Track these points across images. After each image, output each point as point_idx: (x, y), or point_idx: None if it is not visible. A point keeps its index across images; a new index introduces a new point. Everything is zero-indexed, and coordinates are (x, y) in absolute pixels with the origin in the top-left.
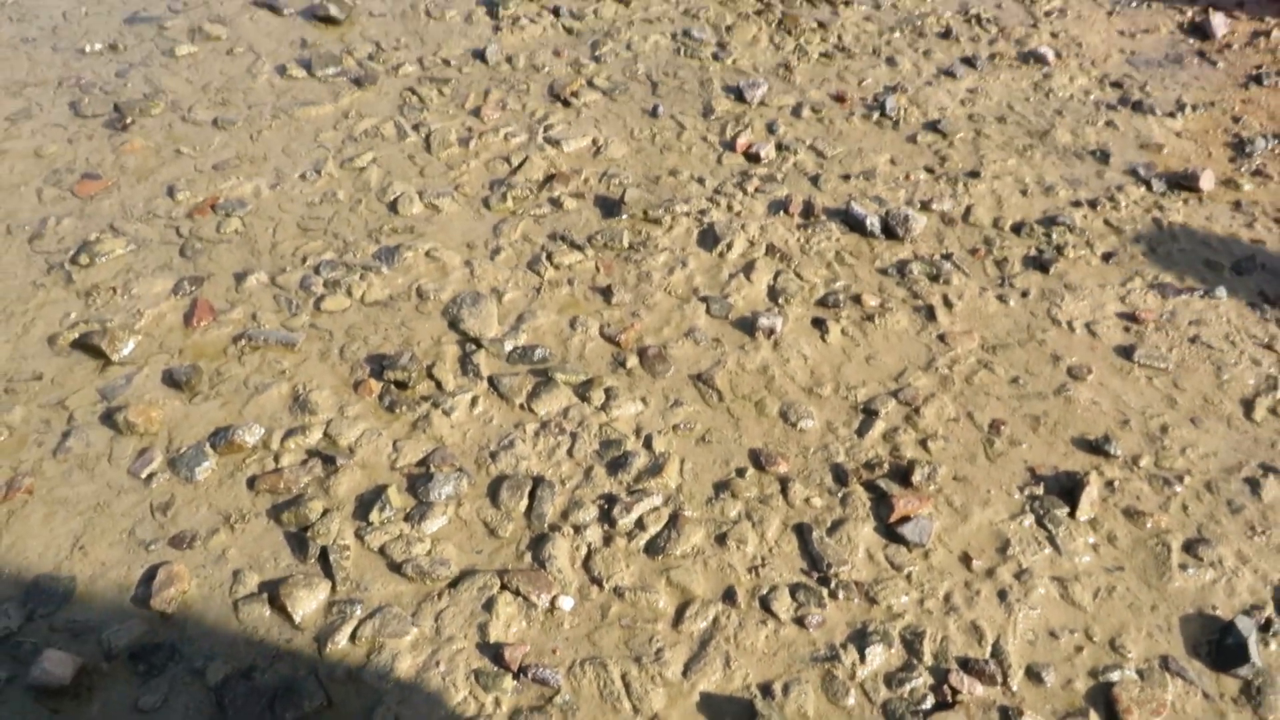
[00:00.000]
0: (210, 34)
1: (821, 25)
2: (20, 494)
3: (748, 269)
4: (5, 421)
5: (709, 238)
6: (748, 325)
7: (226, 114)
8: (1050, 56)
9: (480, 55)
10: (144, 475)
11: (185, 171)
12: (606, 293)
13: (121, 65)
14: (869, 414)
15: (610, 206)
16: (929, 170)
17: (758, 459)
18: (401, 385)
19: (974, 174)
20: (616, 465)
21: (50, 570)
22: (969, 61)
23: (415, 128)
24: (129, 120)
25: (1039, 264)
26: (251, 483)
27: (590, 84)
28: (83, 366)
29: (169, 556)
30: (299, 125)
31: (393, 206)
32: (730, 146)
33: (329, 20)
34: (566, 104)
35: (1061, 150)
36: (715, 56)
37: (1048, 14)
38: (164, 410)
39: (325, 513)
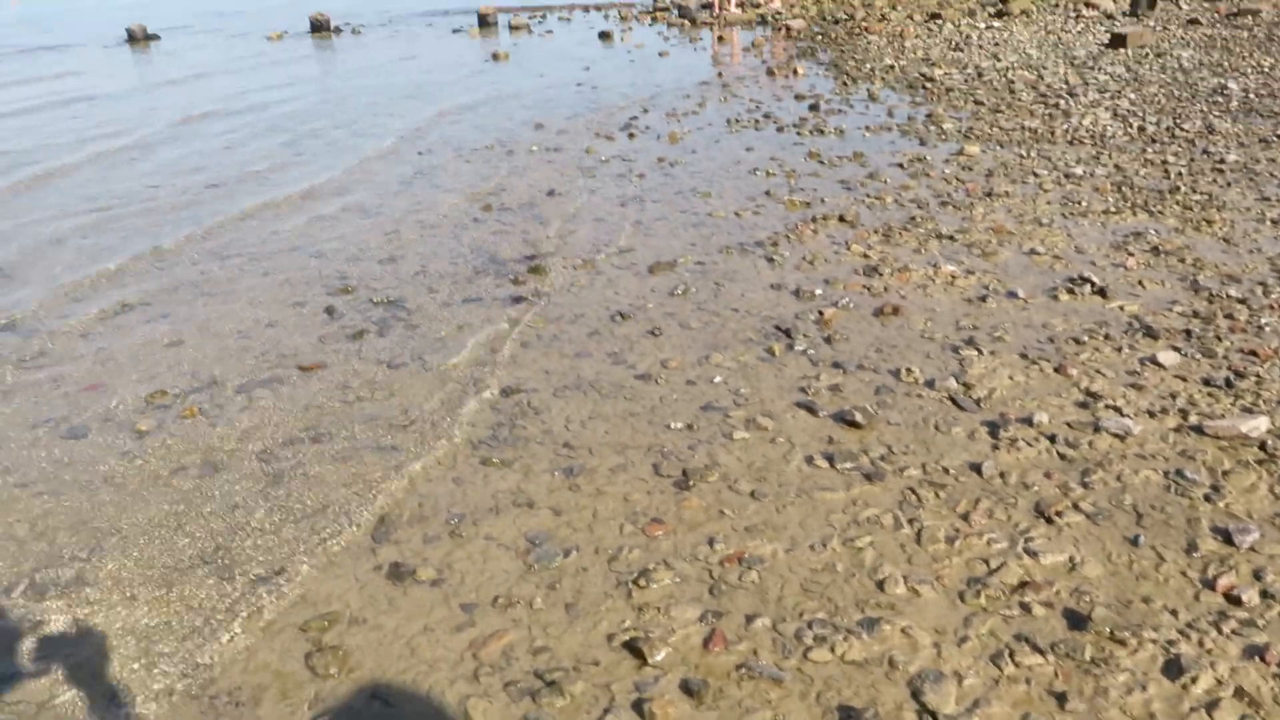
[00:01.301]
0: (760, 425)
1: None
2: None
3: (1210, 705)
4: (570, 690)
5: (1173, 668)
6: None
7: (761, 488)
8: None
9: (976, 468)
10: None
11: (724, 529)
12: (1061, 698)
13: (692, 441)
14: None
15: (1077, 620)
16: None
17: None
18: None
19: None
20: None
21: None
22: None
23: (910, 522)
24: (690, 483)
25: None
26: None
27: (1075, 507)
28: (627, 662)
29: None
30: (815, 505)
31: (880, 585)
32: (1210, 585)
33: (853, 424)
34: (1050, 521)
35: None
36: (1206, 498)
37: None
38: (678, 710)
39: None
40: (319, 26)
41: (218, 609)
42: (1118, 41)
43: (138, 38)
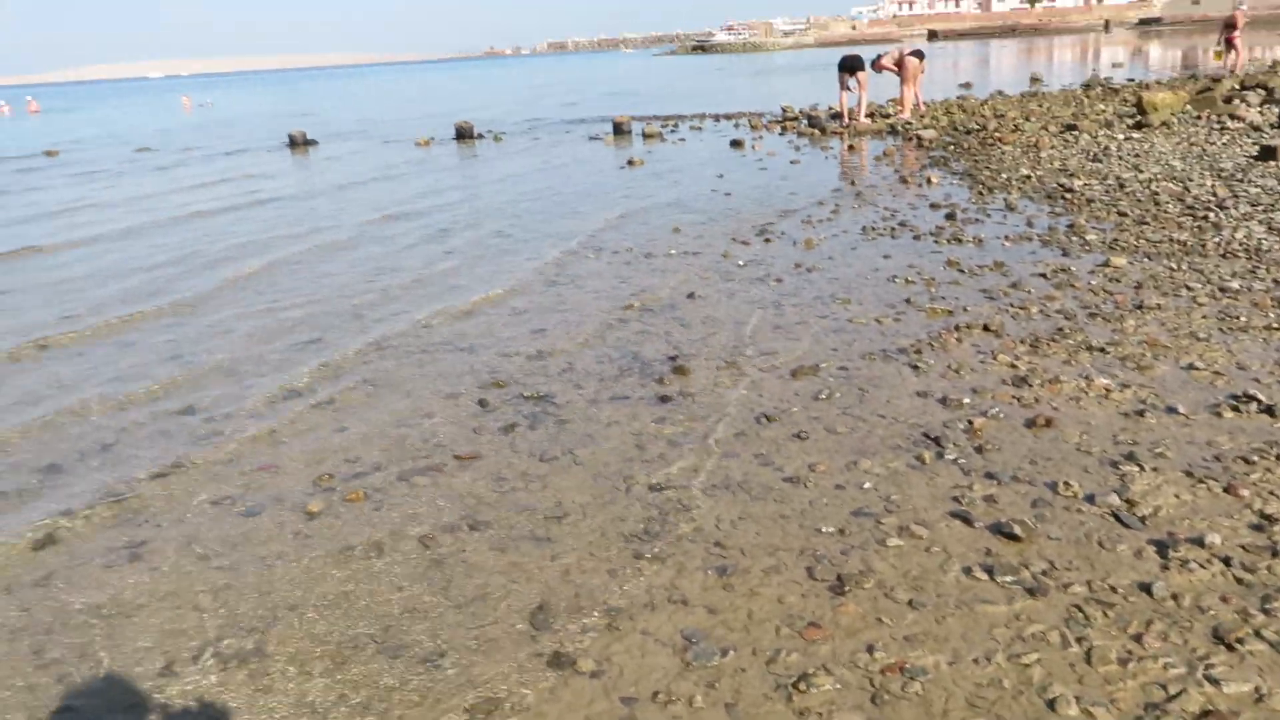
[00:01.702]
0: (914, 533)
1: None
2: None
3: None
4: None
5: None
6: None
7: (919, 598)
8: None
9: (1146, 589)
10: None
11: (882, 636)
12: None
13: (845, 545)
14: None
15: None
16: None
17: None
18: None
19: None
20: None
21: None
22: None
23: (1078, 640)
24: (846, 589)
25: None
26: None
27: (1257, 634)
28: None
29: None
30: (976, 618)
31: (1050, 704)
32: None
33: (1012, 537)
34: (1230, 648)
35: None
36: None
37: None
38: None
39: None
40: (463, 134)
41: (386, 686)
42: (1267, 154)
43: (298, 143)
